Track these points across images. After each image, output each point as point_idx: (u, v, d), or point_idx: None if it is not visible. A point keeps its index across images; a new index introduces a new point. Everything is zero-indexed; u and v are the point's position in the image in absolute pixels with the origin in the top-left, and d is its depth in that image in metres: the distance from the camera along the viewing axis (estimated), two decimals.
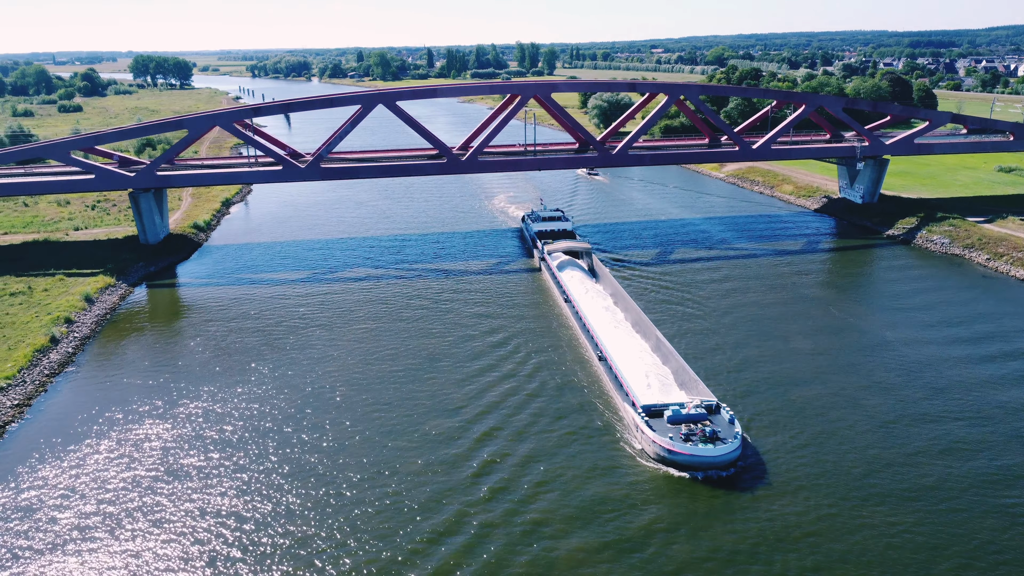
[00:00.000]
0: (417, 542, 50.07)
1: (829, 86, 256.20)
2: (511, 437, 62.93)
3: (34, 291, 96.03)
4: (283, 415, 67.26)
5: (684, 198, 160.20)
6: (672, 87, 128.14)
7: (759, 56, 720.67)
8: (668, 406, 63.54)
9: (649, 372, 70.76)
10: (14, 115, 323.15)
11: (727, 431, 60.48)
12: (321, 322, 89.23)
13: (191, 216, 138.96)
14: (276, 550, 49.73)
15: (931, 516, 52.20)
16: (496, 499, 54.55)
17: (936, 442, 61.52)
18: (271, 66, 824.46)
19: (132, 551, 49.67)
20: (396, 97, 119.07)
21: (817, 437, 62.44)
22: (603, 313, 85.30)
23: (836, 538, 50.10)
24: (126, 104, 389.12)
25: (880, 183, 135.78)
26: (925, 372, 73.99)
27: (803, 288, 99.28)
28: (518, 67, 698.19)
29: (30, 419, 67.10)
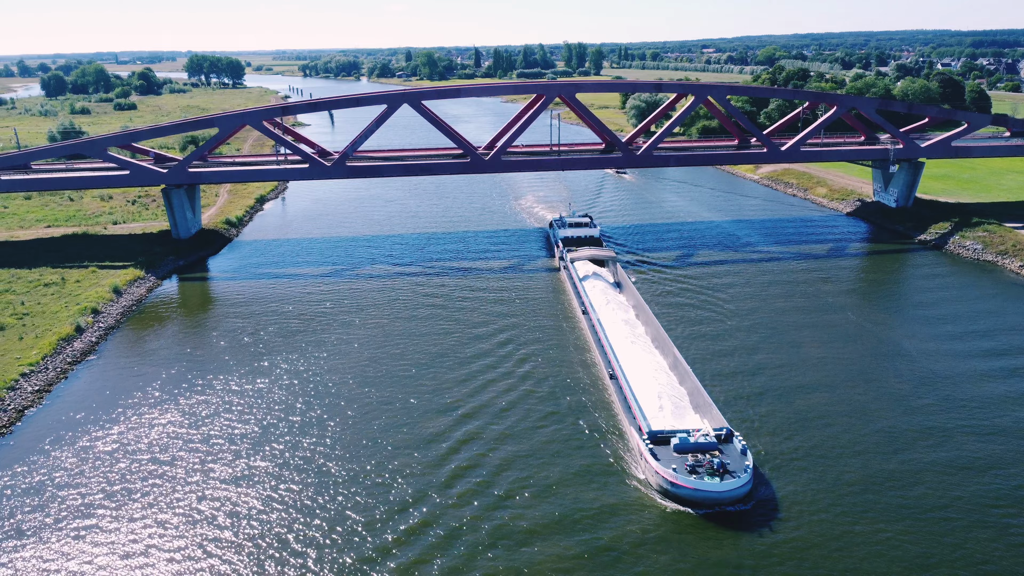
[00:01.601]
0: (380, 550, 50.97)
1: (875, 87, 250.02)
2: (512, 461, 59.18)
3: (67, 282, 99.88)
4: (289, 407, 68.89)
5: (714, 199, 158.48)
6: (699, 87, 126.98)
7: (812, 56, 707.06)
8: (675, 433, 58.81)
9: (663, 393, 66.79)
10: (72, 112, 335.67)
11: (737, 463, 55.52)
12: (338, 317, 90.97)
13: (225, 212, 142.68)
14: (266, 534, 51.18)
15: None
16: (476, 530, 51.47)
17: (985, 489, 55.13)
18: (322, 66, 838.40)
19: (131, 530, 51.60)
20: (421, 97, 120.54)
21: (839, 481, 55.93)
22: (621, 327, 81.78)
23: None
24: (179, 103, 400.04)
25: (915, 187, 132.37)
26: (943, 385, 72.06)
27: (824, 294, 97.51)
28: (565, 67, 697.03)
29: (48, 404, 70.05)
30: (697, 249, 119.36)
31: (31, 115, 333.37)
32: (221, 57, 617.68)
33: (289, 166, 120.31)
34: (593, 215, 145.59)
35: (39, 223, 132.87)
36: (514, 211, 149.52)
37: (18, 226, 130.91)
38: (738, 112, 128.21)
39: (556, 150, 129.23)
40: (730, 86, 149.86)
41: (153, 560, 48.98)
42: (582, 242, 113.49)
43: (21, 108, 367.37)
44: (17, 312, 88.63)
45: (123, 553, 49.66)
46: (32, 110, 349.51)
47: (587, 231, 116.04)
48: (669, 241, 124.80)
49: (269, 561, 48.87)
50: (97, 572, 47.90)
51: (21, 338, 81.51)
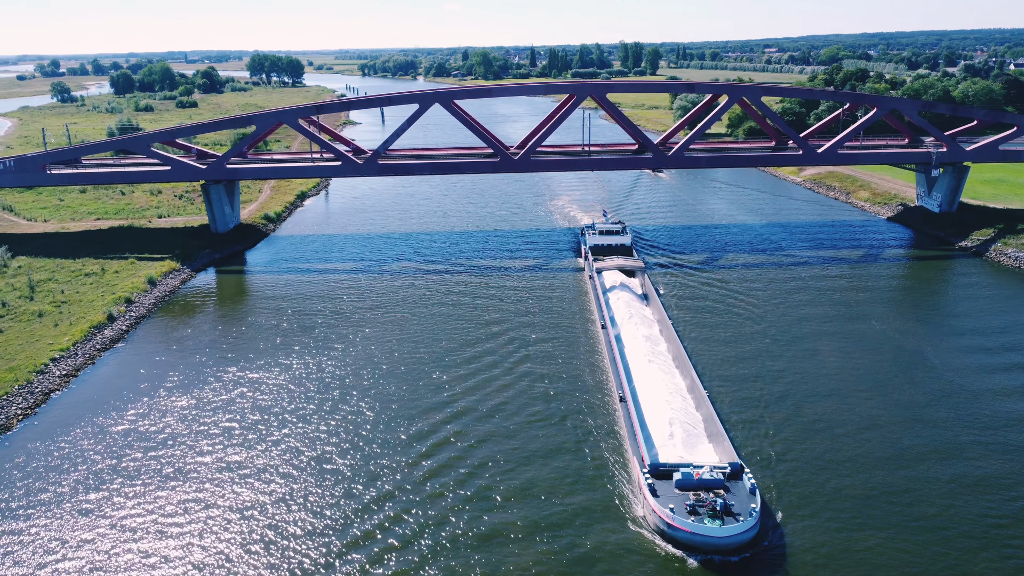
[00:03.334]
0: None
1: (933, 88, 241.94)
2: (501, 488, 55.82)
3: (106, 272, 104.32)
4: (301, 396, 70.88)
5: (752, 201, 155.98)
6: (733, 88, 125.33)
7: (877, 56, 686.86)
8: (678, 467, 53.84)
9: (675, 419, 61.88)
10: (136, 110, 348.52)
11: (743, 504, 50.37)
12: (358, 312, 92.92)
13: (265, 207, 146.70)
14: (264, 515, 53.04)
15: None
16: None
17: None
18: (380, 65, 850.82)
19: (136, 505, 54.08)
20: (452, 96, 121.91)
21: (860, 526, 51.34)
22: (641, 344, 77.05)
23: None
24: (238, 100, 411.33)
25: (959, 191, 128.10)
26: (967, 404, 69.58)
27: (852, 301, 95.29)
28: (620, 67, 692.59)
29: (73, 388, 73.54)
30: (727, 252, 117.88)
31: (98, 112, 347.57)
32: (282, 56, 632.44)
33: (322, 163, 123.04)
34: (628, 214, 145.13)
35: (90, 215, 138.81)
36: (548, 212, 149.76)
37: (70, 218, 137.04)
38: (772, 113, 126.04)
39: (587, 150, 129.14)
40: (764, 87, 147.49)
41: (157, 533, 51.25)
42: (612, 251, 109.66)
43: (90, 105, 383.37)
44: (56, 300, 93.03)
45: (129, 527, 52.13)
46: (100, 107, 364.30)
47: (618, 239, 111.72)
48: (701, 243, 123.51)
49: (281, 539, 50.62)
50: (102, 542, 50.34)
51: (56, 325, 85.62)
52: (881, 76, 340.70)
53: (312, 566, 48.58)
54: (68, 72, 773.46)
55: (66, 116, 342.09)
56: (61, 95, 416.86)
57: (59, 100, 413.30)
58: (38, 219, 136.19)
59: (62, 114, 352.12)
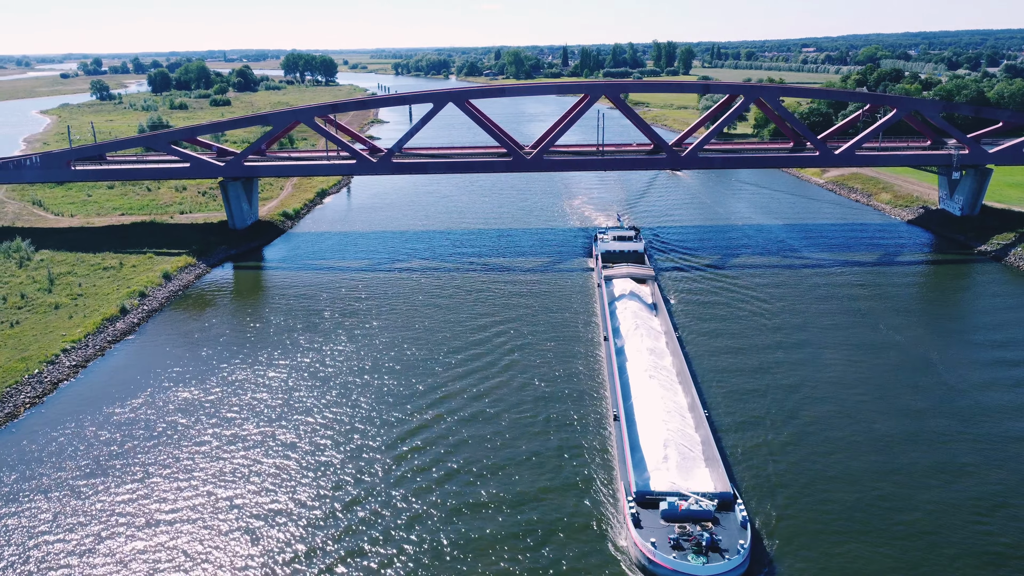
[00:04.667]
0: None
1: (967, 88, 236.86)
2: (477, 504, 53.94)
3: (124, 266, 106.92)
4: (303, 390, 72.14)
5: (772, 203, 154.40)
6: (749, 88, 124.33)
7: (916, 56, 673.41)
8: (666, 496, 50.45)
9: (670, 441, 58.41)
10: (171, 108, 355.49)
11: (732, 538, 46.99)
12: (365, 309, 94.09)
13: (284, 205, 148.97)
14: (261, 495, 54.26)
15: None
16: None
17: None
18: (413, 64, 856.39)
19: (133, 490, 55.64)
20: (467, 96, 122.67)
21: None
22: (645, 357, 74.06)
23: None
24: (271, 99, 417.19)
25: (981, 194, 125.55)
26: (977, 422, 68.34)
27: (867, 309, 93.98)
28: (653, 66, 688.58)
29: (81, 378, 75.69)
30: (742, 254, 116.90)
31: (134, 110, 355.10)
32: (316, 55, 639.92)
33: (338, 162, 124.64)
34: (644, 213, 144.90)
35: (115, 211, 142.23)
36: (564, 212, 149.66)
37: (95, 213, 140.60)
38: (788, 114, 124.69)
39: (601, 150, 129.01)
40: (782, 87, 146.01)
41: (151, 519, 52.67)
42: (624, 257, 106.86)
43: (127, 103, 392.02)
44: (73, 293, 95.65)
45: (124, 512, 53.65)
46: (136, 105, 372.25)
47: (630, 245, 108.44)
48: (716, 244, 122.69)
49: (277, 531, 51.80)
50: (96, 526, 51.90)
51: (71, 317, 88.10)
52: (916, 76, 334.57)
53: (298, 556, 49.53)
54: (110, 71, 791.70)
55: (103, 114, 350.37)
56: (100, 93, 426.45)
57: (98, 98, 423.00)
58: (65, 214, 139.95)
59: (100, 112, 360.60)
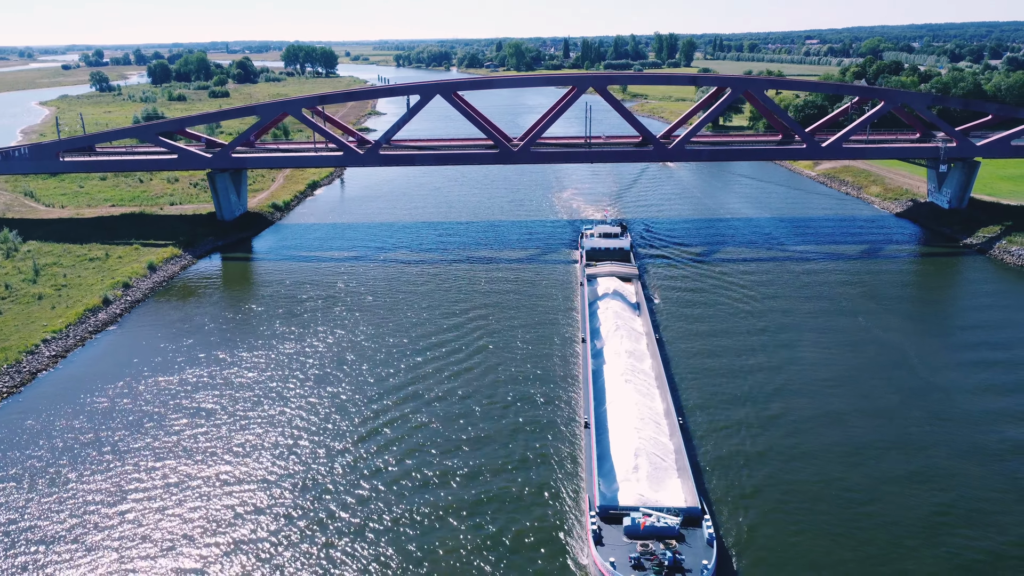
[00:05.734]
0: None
1: (963, 81, 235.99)
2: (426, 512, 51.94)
3: (110, 257, 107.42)
4: (281, 381, 72.62)
5: (763, 195, 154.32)
6: (736, 81, 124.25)
7: (919, 49, 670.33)
8: (629, 511, 48.05)
9: (641, 450, 55.71)
10: (170, 99, 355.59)
11: (697, 558, 44.62)
12: (347, 299, 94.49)
13: (275, 196, 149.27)
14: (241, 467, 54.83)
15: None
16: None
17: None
18: (414, 56, 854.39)
19: (107, 477, 56.22)
20: (454, 88, 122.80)
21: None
22: (623, 360, 71.39)
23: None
24: (270, 91, 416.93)
25: (969, 187, 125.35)
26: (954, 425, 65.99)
27: (840, 296, 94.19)
28: (655, 58, 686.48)
29: (60, 368, 76.26)
30: (729, 247, 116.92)
31: (133, 101, 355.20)
32: (316, 47, 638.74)
33: (323, 153, 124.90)
34: (633, 206, 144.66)
35: (106, 202, 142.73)
36: (554, 204, 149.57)
37: (86, 204, 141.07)
38: (776, 106, 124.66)
39: (588, 142, 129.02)
40: (768, 80, 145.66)
41: (121, 505, 53.27)
42: (610, 255, 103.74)
43: (126, 94, 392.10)
44: (57, 284, 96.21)
45: (98, 499, 54.27)
46: (135, 96, 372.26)
47: (616, 243, 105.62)
48: (703, 236, 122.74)
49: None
50: (65, 513, 52.51)
51: (54, 307, 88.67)
52: (915, 69, 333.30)
53: (266, 539, 50.06)
54: (111, 62, 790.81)
55: (102, 105, 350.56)
56: (99, 85, 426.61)
57: (97, 90, 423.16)
58: (56, 205, 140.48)
59: (98, 103, 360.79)
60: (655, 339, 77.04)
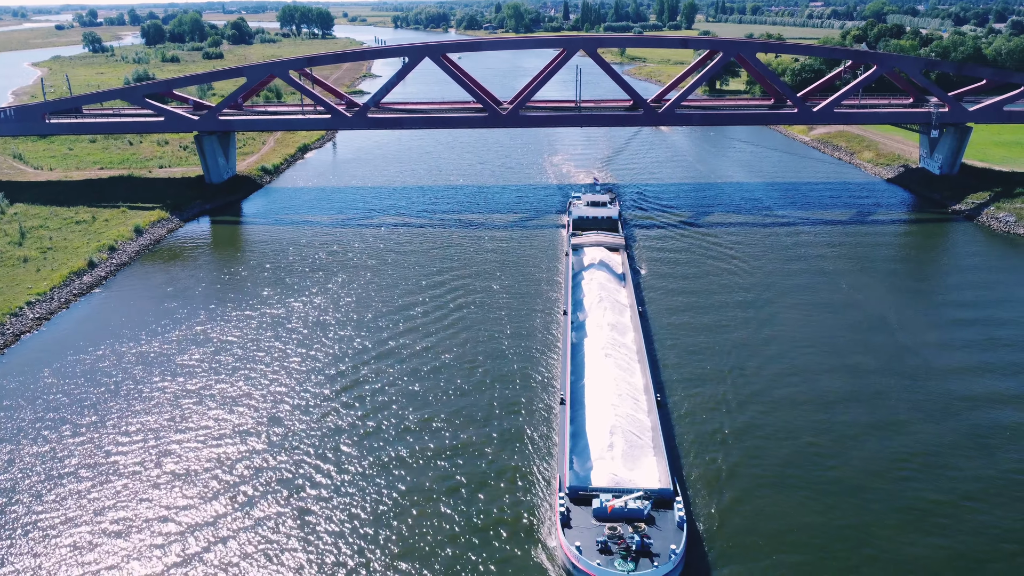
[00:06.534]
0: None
1: (964, 45, 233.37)
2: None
3: (96, 220, 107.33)
4: (262, 343, 73.09)
5: (755, 160, 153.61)
6: (727, 44, 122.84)
7: (924, 12, 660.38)
8: (599, 492, 46.92)
9: (617, 428, 54.12)
10: (163, 60, 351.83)
11: (665, 542, 43.18)
12: (332, 264, 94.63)
13: (264, 160, 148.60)
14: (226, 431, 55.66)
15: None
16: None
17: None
18: (412, 17, 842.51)
19: (90, 438, 56.96)
20: (442, 50, 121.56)
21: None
22: (605, 333, 69.58)
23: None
24: (265, 52, 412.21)
25: (961, 153, 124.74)
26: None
27: (825, 263, 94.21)
28: (656, 20, 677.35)
29: (44, 330, 76.70)
30: (717, 211, 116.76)
31: (126, 62, 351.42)
32: (313, 8, 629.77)
33: (310, 116, 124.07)
34: (626, 171, 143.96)
35: (95, 165, 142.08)
36: (544, 170, 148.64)
37: (75, 167, 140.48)
38: (767, 70, 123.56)
39: (578, 106, 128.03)
40: (760, 43, 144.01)
41: (104, 464, 54.08)
42: (597, 224, 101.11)
43: (119, 56, 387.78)
44: (43, 247, 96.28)
45: (83, 451, 55.02)
46: (128, 58, 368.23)
47: (604, 212, 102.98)
48: (694, 202, 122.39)
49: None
50: (51, 474, 53.34)
51: (39, 270, 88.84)
52: (917, 32, 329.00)
53: (239, 497, 50.94)
54: (106, 22, 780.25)
55: (95, 66, 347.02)
56: (92, 45, 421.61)
57: (90, 50, 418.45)
58: (44, 167, 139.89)
59: (91, 64, 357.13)
60: (636, 312, 75.16)
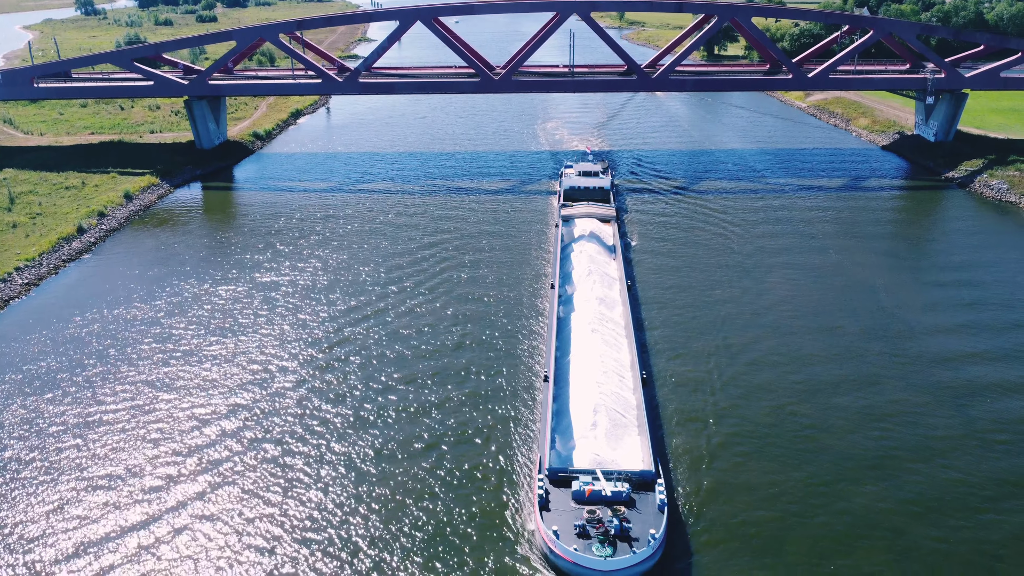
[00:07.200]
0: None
1: (964, 10, 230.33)
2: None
3: (86, 186, 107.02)
4: (250, 309, 73.36)
5: (750, 126, 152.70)
6: (722, 8, 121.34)
7: None
8: (579, 474, 45.68)
9: (601, 406, 52.73)
10: (156, 23, 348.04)
11: (645, 525, 42.10)
12: (322, 230, 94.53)
13: (256, 125, 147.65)
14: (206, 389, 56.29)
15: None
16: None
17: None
18: None
19: (77, 400, 57.50)
20: (434, 13, 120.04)
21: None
22: (593, 307, 68.10)
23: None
24: (259, 15, 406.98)
25: (956, 120, 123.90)
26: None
27: (815, 231, 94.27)
28: None
29: (33, 296, 76.93)
30: (709, 179, 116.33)
31: (119, 25, 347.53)
32: None
33: (303, 81, 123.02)
34: (620, 137, 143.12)
35: (85, 130, 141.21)
36: (538, 136, 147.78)
37: (65, 132, 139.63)
38: (762, 35, 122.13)
39: (571, 71, 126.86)
40: (755, 7, 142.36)
41: (93, 428, 54.64)
42: (589, 194, 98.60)
43: (112, 19, 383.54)
44: (32, 212, 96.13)
45: (71, 415, 55.62)
46: (120, 21, 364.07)
47: (596, 182, 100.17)
48: (685, 169, 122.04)
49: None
50: (41, 438, 53.97)
51: (27, 236, 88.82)
52: None
53: (225, 456, 51.61)
54: None
55: (87, 30, 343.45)
56: (84, 8, 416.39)
57: (83, 13, 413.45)
58: (34, 132, 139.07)
59: (83, 27, 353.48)
60: (624, 286, 73.71)
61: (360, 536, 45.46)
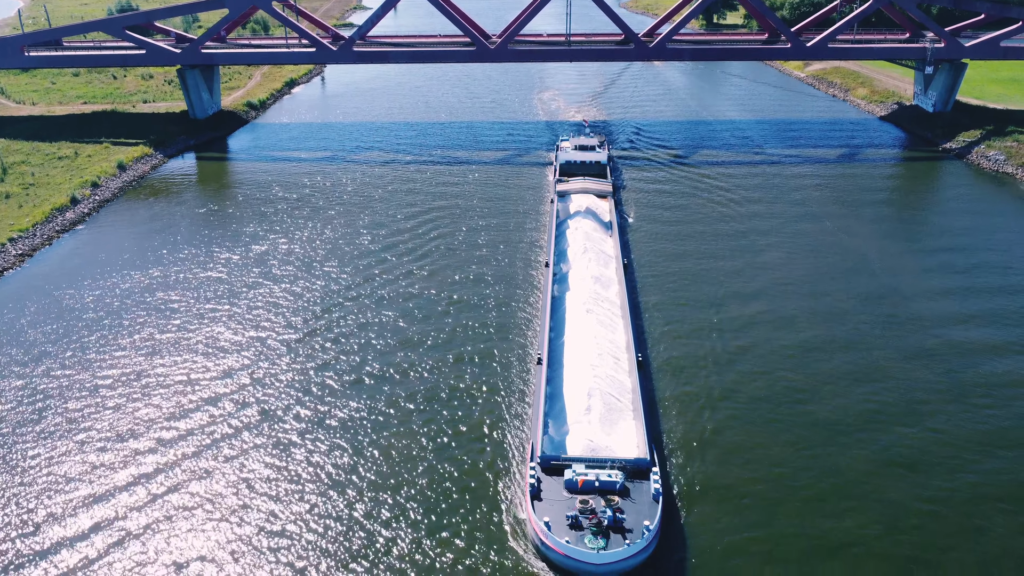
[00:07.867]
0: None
1: None
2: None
3: (79, 156, 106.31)
4: (243, 279, 73.38)
5: (749, 97, 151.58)
6: None
7: None
8: (572, 463, 44.08)
9: (595, 390, 51.49)
10: None
11: (639, 516, 40.77)
12: (315, 200, 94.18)
13: (250, 94, 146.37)
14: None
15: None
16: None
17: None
18: None
19: (71, 366, 57.73)
20: None
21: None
22: (588, 286, 66.66)
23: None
24: None
25: (955, 90, 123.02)
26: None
27: (811, 201, 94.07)
28: None
29: (27, 267, 76.80)
30: (706, 149, 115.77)
31: None
32: None
33: (297, 50, 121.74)
34: (617, 107, 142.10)
35: (78, 99, 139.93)
36: (534, 106, 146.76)
37: (57, 102, 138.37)
38: (760, 3, 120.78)
39: (568, 40, 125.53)
40: None
41: (87, 398, 54.91)
42: (585, 169, 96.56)
43: None
44: (25, 183, 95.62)
45: (66, 385, 55.87)
46: None
47: (592, 156, 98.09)
48: (682, 139, 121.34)
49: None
50: (34, 407, 54.30)
51: (21, 206, 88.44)
52: None
53: (215, 421, 51.99)
54: None
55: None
56: None
57: None
58: (27, 102, 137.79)
59: None
60: (620, 264, 71.97)
61: (345, 525, 45.69)
